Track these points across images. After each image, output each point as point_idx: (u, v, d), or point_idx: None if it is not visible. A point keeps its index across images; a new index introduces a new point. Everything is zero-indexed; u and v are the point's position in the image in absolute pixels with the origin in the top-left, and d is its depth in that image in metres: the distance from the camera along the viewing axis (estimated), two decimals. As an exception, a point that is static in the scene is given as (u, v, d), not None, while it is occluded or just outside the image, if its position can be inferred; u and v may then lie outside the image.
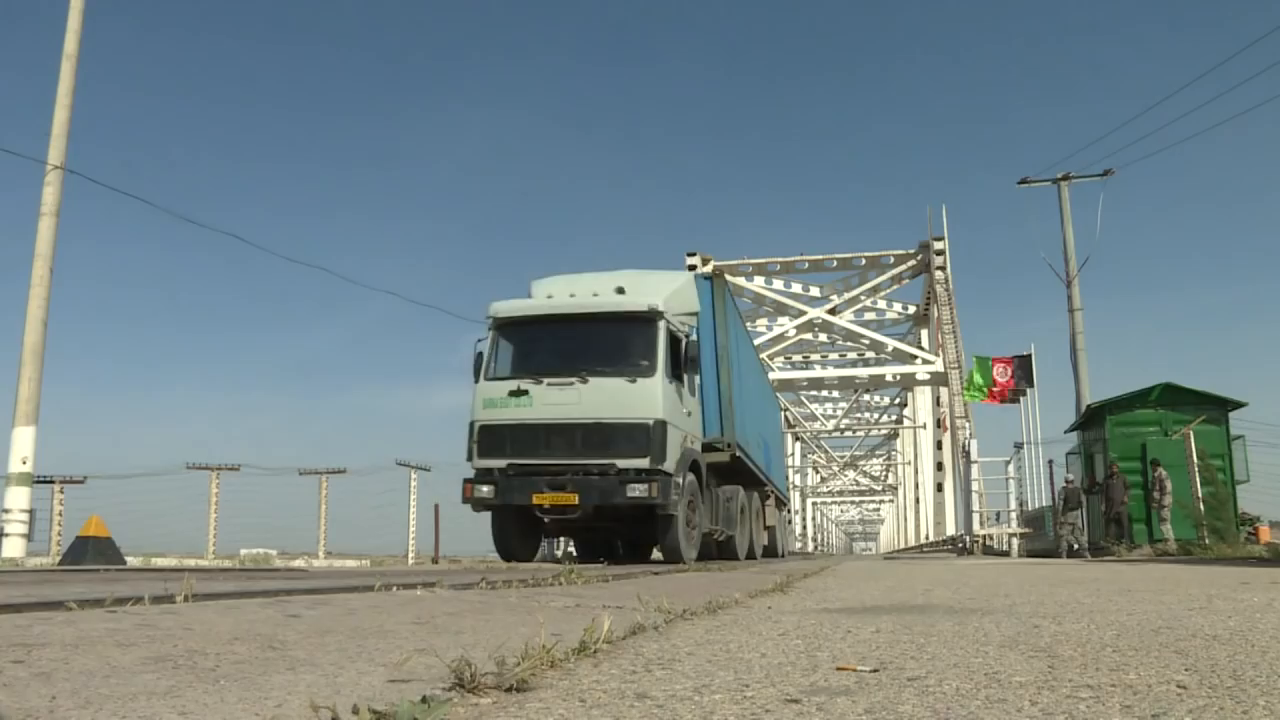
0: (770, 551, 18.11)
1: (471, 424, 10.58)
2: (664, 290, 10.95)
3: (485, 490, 10.26)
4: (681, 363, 10.73)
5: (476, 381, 10.76)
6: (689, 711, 1.50)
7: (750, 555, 14.21)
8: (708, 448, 11.80)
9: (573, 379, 10.32)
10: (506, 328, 11.03)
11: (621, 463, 10.04)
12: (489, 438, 10.47)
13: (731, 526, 12.85)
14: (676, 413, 10.57)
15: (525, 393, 10.38)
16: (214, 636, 2.02)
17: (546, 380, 10.40)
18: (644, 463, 10.00)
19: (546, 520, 10.50)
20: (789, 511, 42.66)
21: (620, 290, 11.02)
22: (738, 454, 12.34)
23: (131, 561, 13.44)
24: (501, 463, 10.34)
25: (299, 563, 17.20)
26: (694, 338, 11.26)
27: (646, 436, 10.04)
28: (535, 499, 10.10)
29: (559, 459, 10.20)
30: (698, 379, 11.65)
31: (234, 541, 19.83)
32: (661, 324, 10.52)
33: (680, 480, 10.24)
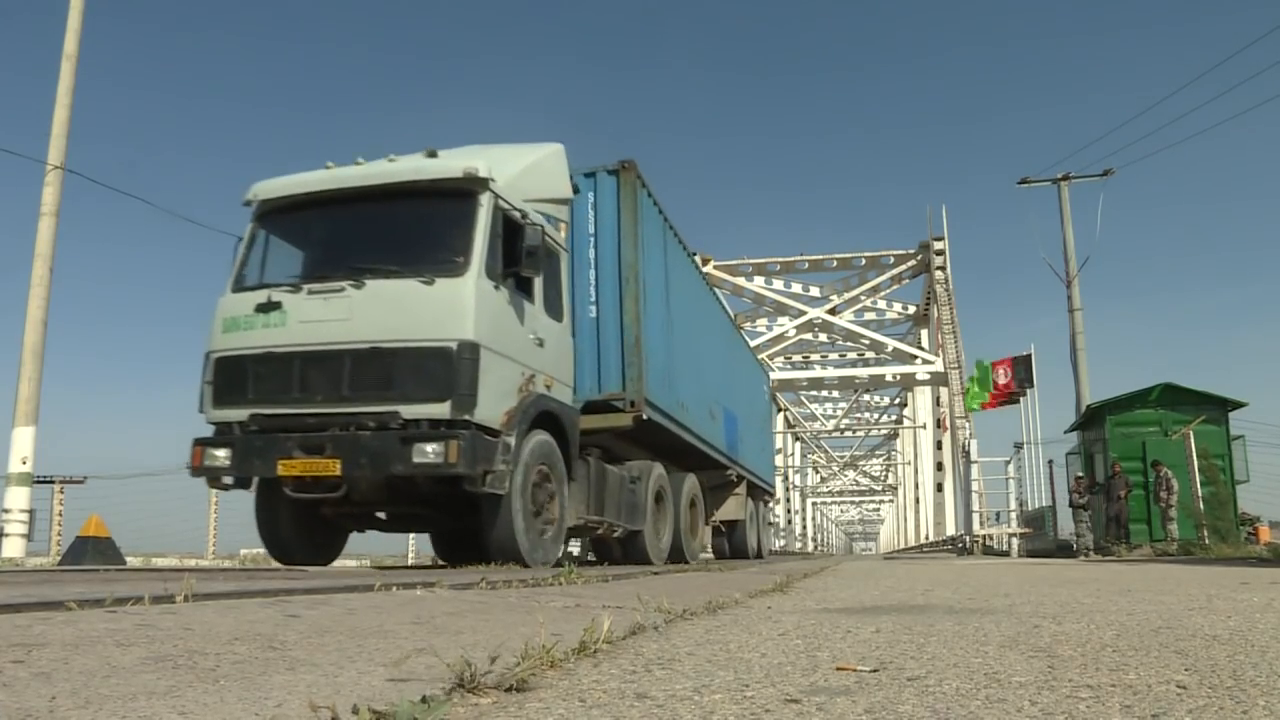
0: (738, 552, 14.90)
1: (206, 355, 7.24)
2: (505, 162, 7.55)
3: (220, 455, 6.89)
4: (518, 259, 7.12)
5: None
6: (689, 711, 1.50)
7: (677, 558, 10.45)
8: (602, 406, 8.53)
9: (343, 284, 6.86)
10: (270, 217, 7.59)
11: (409, 410, 6.56)
12: (227, 376, 7.08)
13: (636, 519, 9.37)
14: (509, 335, 7.11)
15: (277, 306, 6.97)
16: (214, 636, 2.02)
17: (308, 287, 7.00)
18: (442, 410, 6.52)
19: (339, 503, 7.13)
20: (789, 508, 42.80)
21: (432, 155, 7.55)
22: (649, 416, 8.73)
23: (131, 561, 13.43)
24: (242, 414, 6.96)
25: (299, 563, 17.17)
26: (544, 225, 7.72)
27: (448, 367, 6.52)
28: (281, 468, 6.68)
29: (317, 406, 6.77)
30: (592, 306, 8.61)
31: (234, 541, 19.81)
32: (485, 198, 7.03)
33: (510, 441, 6.85)
